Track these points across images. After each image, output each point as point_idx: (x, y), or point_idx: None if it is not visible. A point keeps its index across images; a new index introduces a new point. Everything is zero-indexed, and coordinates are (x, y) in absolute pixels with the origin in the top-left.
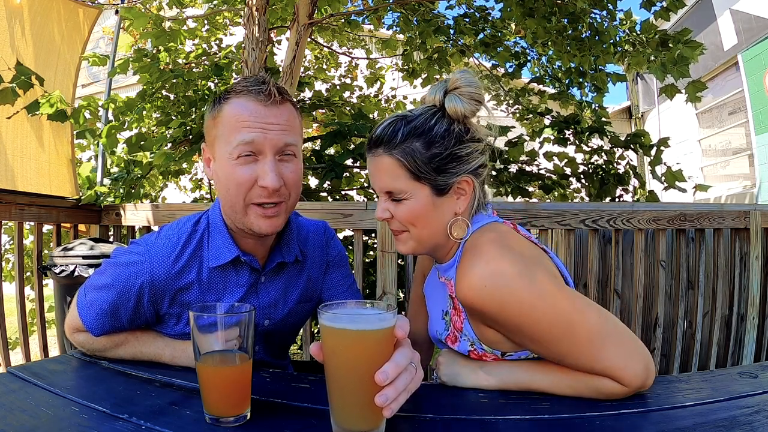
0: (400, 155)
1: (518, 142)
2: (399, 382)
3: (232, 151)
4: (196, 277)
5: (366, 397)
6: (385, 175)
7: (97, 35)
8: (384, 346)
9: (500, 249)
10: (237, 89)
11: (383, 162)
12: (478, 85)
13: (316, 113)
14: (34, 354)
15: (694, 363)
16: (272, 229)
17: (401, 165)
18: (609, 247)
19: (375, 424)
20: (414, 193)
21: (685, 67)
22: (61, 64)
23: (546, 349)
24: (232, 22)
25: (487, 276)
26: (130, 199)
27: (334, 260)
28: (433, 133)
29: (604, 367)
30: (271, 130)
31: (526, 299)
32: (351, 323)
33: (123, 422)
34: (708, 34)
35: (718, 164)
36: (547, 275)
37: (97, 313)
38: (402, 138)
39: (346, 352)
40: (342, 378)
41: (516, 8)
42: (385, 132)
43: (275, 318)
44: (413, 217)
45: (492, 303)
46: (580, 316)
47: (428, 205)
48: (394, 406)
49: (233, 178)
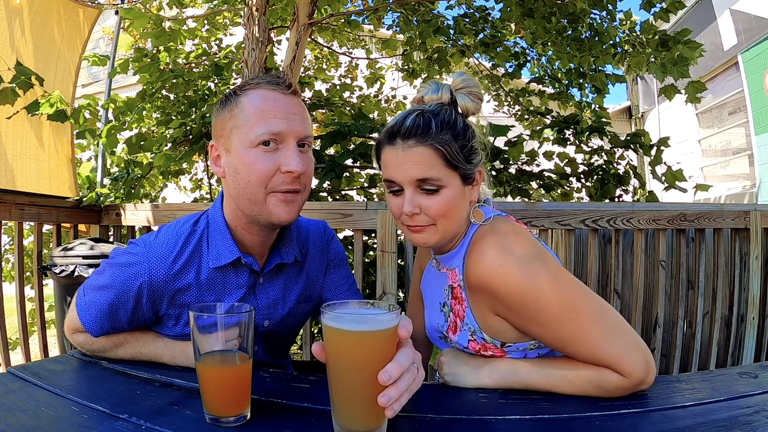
0: (438, 144)
1: (518, 141)
2: (401, 382)
3: (254, 139)
4: (195, 278)
5: (368, 397)
6: (419, 164)
7: (97, 35)
8: (387, 347)
9: (515, 235)
10: (253, 83)
11: (417, 152)
12: (480, 86)
13: (316, 113)
14: (34, 354)
15: (694, 363)
16: (290, 217)
17: (438, 154)
18: (609, 247)
19: (377, 425)
20: (448, 181)
21: (685, 68)
22: (61, 64)
23: (550, 332)
24: (232, 22)
25: (503, 257)
26: (130, 199)
27: (334, 260)
28: (457, 126)
29: (605, 353)
30: (293, 120)
31: (539, 281)
32: (354, 324)
33: (123, 422)
34: (708, 34)
35: (718, 164)
36: (556, 262)
37: (96, 313)
38: (436, 129)
39: (349, 352)
40: (344, 378)
41: (516, 8)
42: (416, 123)
43: (275, 318)
44: (447, 208)
45: (506, 283)
46: (586, 303)
47: (459, 194)
48: (397, 407)
49: (256, 167)
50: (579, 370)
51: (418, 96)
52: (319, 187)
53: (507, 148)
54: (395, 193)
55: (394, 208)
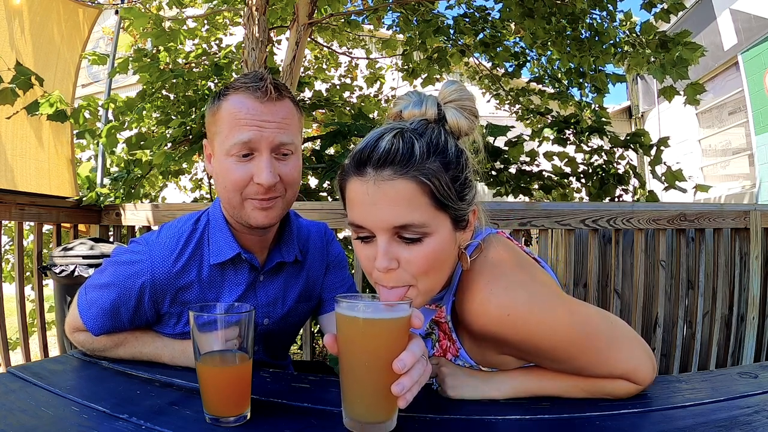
0: (422, 177)
1: (518, 141)
2: (414, 372)
3: (229, 149)
4: (197, 276)
5: (381, 387)
6: (397, 205)
7: (97, 35)
8: (401, 336)
9: (515, 273)
10: (235, 86)
11: (397, 188)
12: (474, 99)
13: (316, 113)
14: (34, 354)
15: (694, 363)
16: (268, 221)
17: (423, 190)
18: (609, 247)
19: (388, 416)
20: (436, 227)
21: (684, 69)
22: (61, 64)
23: (567, 364)
24: (232, 22)
25: (508, 303)
26: (130, 199)
27: (333, 261)
28: (448, 152)
29: (621, 369)
30: (267, 128)
31: (551, 322)
32: (370, 312)
33: (123, 422)
34: (708, 34)
35: (718, 164)
36: (556, 291)
37: (98, 312)
38: (421, 156)
39: (363, 341)
40: (357, 368)
41: (516, 8)
42: (395, 147)
43: (275, 317)
44: (432, 261)
45: (517, 332)
46: (597, 329)
47: (449, 242)
48: (409, 396)
49: (230, 175)
50: (591, 380)
51: (394, 110)
52: (319, 187)
53: (507, 148)
54: (364, 240)
55: (364, 260)
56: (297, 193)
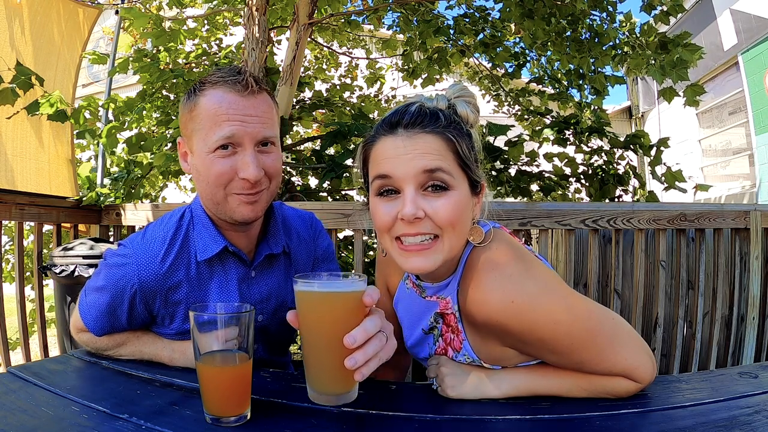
0: (449, 133)
1: (518, 141)
2: (369, 347)
3: (211, 145)
4: (185, 274)
5: (336, 360)
6: (431, 153)
7: (97, 35)
8: (352, 310)
9: (519, 263)
10: (212, 80)
11: (427, 140)
12: (475, 98)
13: (316, 113)
14: (35, 354)
15: (694, 363)
16: (254, 215)
17: (449, 146)
18: (609, 247)
19: (346, 388)
20: (458, 184)
21: (684, 71)
22: (61, 64)
23: (567, 358)
24: (232, 22)
25: (513, 292)
26: (130, 199)
27: (322, 255)
28: (463, 127)
29: (622, 367)
30: (250, 122)
31: (554, 313)
32: (321, 286)
33: (123, 422)
34: (708, 34)
35: (718, 164)
36: (561, 283)
37: (97, 314)
38: (445, 120)
39: (317, 313)
40: (313, 340)
41: (515, 9)
42: (422, 112)
43: (268, 312)
44: (457, 213)
45: (521, 321)
46: (600, 324)
47: (467, 203)
48: (365, 371)
49: (213, 171)
50: (591, 378)
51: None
52: (319, 187)
53: (507, 148)
54: (386, 194)
55: (383, 215)
56: (279, 183)
